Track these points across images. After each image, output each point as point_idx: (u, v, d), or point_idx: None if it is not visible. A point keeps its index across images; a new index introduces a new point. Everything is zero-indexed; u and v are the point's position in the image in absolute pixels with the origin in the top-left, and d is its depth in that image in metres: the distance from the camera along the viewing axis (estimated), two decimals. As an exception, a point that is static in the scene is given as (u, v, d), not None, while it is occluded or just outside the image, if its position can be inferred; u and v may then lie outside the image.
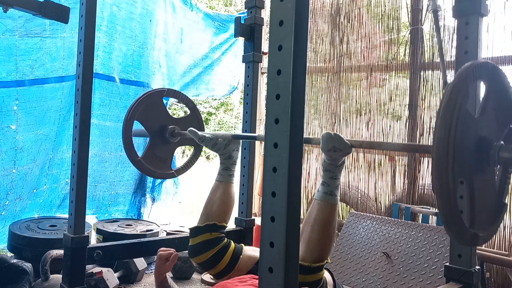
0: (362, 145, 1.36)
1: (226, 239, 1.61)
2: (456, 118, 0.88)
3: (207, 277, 2.95)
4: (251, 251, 1.63)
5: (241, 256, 1.57)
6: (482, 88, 1.12)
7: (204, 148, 2.18)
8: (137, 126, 2.09)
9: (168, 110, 2.23)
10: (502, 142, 1.01)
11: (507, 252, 2.72)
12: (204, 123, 2.34)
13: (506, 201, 1.15)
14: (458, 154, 0.89)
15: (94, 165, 3.43)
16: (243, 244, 1.69)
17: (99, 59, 3.35)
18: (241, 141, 1.77)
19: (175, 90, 2.29)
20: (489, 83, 1.04)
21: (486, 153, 1.00)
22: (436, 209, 3.07)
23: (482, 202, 1.05)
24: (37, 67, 3.00)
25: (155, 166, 2.12)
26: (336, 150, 1.28)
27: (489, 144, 1.00)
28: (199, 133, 1.74)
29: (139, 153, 2.09)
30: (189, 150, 10.34)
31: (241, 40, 2.40)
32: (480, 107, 1.04)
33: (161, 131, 2.12)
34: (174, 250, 1.73)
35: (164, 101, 2.36)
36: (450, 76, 2.64)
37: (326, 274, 1.42)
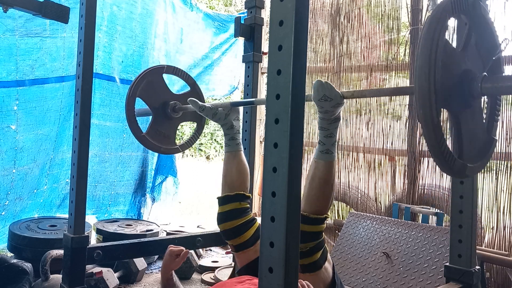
0: (354, 95, 1.36)
1: (252, 214, 1.67)
2: (436, 45, 0.87)
3: (207, 277, 2.95)
4: None
5: None
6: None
7: (203, 149, 2.18)
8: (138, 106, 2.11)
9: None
10: (485, 73, 1.01)
11: (507, 252, 2.72)
12: (204, 99, 2.34)
13: (496, 137, 1.15)
14: (439, 83, 0.88)
15: (94, 165, 3.43)
16: None
17: (99, 59, 3.35)
18: (241, 110, 1.79)
19: (175, 67, 2.31)
20: (470, 17, 1.03)
21: (469, 85, 0.99)
22: (436, 209, 3.07)
23: (470, 135, 1.05)
24: (37, 67, 3.00)
25: (159, 141, 2.15)
26: (327, 99, 1.28)
27: (472, 76, 1.00)
28: (200, 103, 1.76)
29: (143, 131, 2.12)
30: (189, 151, 10.34)
31: (241, 40, 2.40)
32: (462, 41, 1.03)
33: (163, 107, 2.15)
34: (184, 247, 1.74)
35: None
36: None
37: (328, 265, 1.43)
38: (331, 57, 3.77)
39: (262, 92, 4.18)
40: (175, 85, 4.11)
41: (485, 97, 1.09)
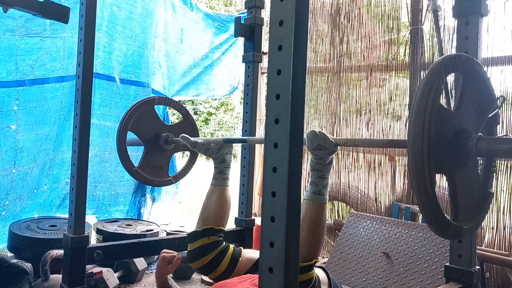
0: (347, 143, 1.36)
1: (224, 242, 1.62)
2: (429, 113, 0.87)
3: (207, 277, 2.95)
4: (250, 253, 1.64)
5: (240, 259, 1.58)
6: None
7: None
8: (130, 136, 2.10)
9: (160, 117, 2.24)
10: (480, 134, 1.00)
11: (507, 252, 2.72)
12: (197, 128, 2.35)
13: (492, 190, 1.15)
14: (433, 150, 0.88)
15: (94, 165, 3.43)
16: (242, 247, 1.69)
17: (99, 59, 3.35)
18: (233, 144, 1.78)
19: (166, 98, 2.31)
20: (464, 75, 1.03)
21: (463, 145, 0.99)
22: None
23: (465, 194, 1.04)
24: (37, 67, 3.00)
25: (151, 174, 2.14)
26: (322, 148, 1.28)
27: (467, 136, 1.00)
28: (192, 139, 1.75)
29: (135, 163, 2.10)
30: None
31: (241, 40, 2.40)
32: (456, 99, 1.03)
33: (155, 139, 2.14)
34: (177, 253, 1.73)
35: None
36: (450, 76, 2.64)
37: (319, 272, 1.42)
38: (331, 57, 3.77)
39: (262, 92, 4.18)
40: (175, 85, 4.12)
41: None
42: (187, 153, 2.39)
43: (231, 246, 1.62)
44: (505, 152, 0.98)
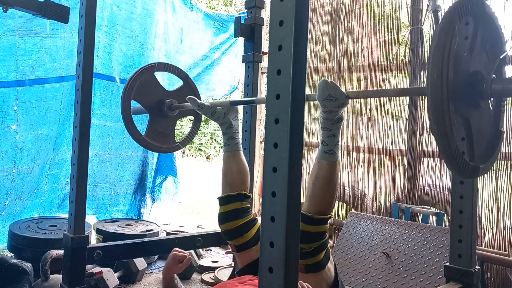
0: (359, 95, 1.36)
1: (253, 214, 1.66)
2: (446, 61, 0.90)
3: (207, 277, 2.95)
4: None
5: None
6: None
7: (203, 149, 2.18)
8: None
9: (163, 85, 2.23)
10: (493, 75, 1.02)
11: (507, 252, 2.72)
12: (199, 93, 2.33)
13: (503, 129, 1.18)
14: (452, 94, 0.90)
15: (94, 165, 3.43)
16: None
17: (99, 59, 3.35)
18: (240, 110, 1.78)
19: (165, 63, 2.30)
20: (475, 17, 1.05)
21: (479, 88, 1.02)
22: (436, 209, 3.07)
23: (479, 134, 1.07)
24: (37, 67, 3.00)
25: (159, 141, 2.15)
26: (332, 99, 1.28)
27: (481, 79, 1.02)
28: (198, 101, 1.75)
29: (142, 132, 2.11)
30: (189, 150, 10.35)
31: (241, 40, 2.40)
32: (468, 42, 1.05)
33: (159, 106, 2.14)
34: (188, 253, 1.74)
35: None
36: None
37: (331, 265, 1.43)
38: (331, 57, 3.77)
39: (262, 92, 4.18)
40: (176, 85, 4.11)
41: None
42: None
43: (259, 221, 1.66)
44: None
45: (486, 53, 1.08)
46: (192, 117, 2.33)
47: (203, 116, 1.85)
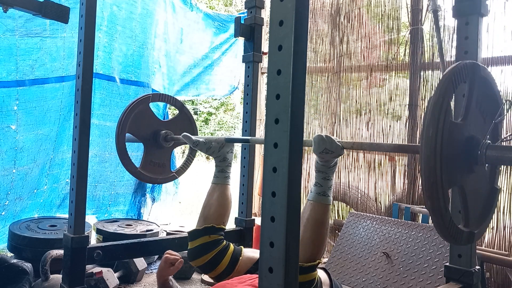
0: (353, 146, 1.37)
1: (225, 241, 1.62)
2: (440, 136, 0.89)
3: (207, 277, 2.94)
4: (251, 252, 1.64)
5: (240, 258, 1.57)
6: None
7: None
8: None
9: (158, 116, 2.23)
10: (488, 141, 1.02)
11: (507, 252, 2.72)
12: (194, 120, 2.34)
13: (499, 186, 1.17)
14: (446, 168, 0.90)
15: (94, 165, 3.43)
16: (242, 246, 1.69)
17: (99, 59, 3.35)
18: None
19: (160, 93, 2.31)
20: (470, 82, 1.04)
21: (472, 153, 1.01)
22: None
23: (474, 197, 1.06)
24: (37, 67, 3.00)
25: (154, 172, 2.14)
26: (328, 152, 1.29)
27: (476, 144, 1.01)
28: (193, 137, 1.75)
29: (136, 163, 2.10)
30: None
31: (241, 40, 2.40)
32: (463, 107, 1.04)
33: (154, 137, 2.14)
34: (180, 256, 1.73)
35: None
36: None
37: (321, 274, 1.42)
38: (331, 57, 3.77)
39: (262, 92, 4.18)
40: (175, 85, 4.12)
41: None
42: (187, 151, 2.39)
43: (232, 245, 1.62)
44: None
45: (482, 115, 1.06)
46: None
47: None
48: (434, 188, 0.88)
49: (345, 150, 1.33)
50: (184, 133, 1.80)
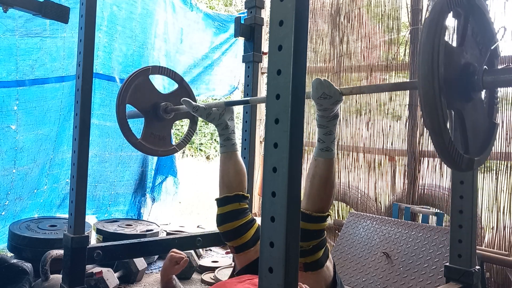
0: (352, 91, 1.37)
1: (251, 214, 1.65)
2: (437, 52, 0.89)
3: (207, 277, 2.95)
4: None
5: None
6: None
7: (203, 149, 2.18)
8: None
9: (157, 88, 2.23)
10: (485, 67, 1.02)
11: (507, 252, 2.72)
12: (194, 94, 2.32)
13: (497, 121, 1.17)
14: (443, 87, 0.90)
15: (94, 165, 3.43)
16: None
17: (99, 59, 3.34)
18: (240, 110, 1.78)
19: (160, 66, 2.29)
20: (465, 9, 1.04)
21: (470, 80, 1.01)
22: (436, 209, 3.07)
23: (473, 127, 1.06)
24: (37, 67, 3.00)
25: (155, 144, 2.14)
26: (326, 97, 1.28)
27: (473, 71, 1.01)
28: (193, 103, 1.75)
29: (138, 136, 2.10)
30: (189, 150, 10.35)
31: (241, 40, 2.40)
32: (459, 34, 1.04)
33: (154, 109, 2.13)
34: (185, 255, 1.74)
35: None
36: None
37: (329, 263, 1.43)
38: (331, 57, 3.77)
39: (262, 92, 4.18)
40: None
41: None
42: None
43: (257, 222, 1.65)
44: (510, 81, 1.01)
45: (478, 45, 1.07)
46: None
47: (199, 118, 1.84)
48: (432, 105, 0.88)
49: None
50: (184, 98, 1.79)
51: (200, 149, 10.59)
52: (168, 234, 3.45)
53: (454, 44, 1.05)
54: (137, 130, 2.18)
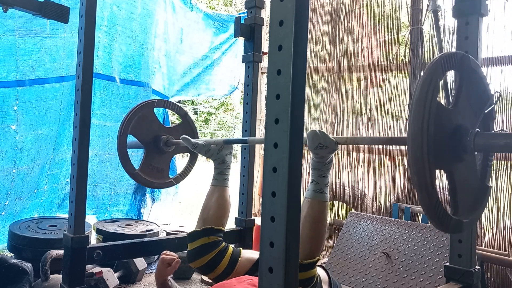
0: (347, 141, 1.37)
1: (224, 243, 1.63)
2: (428, 112, 0.89)
3: (207, 277, 2.95)
4: (249, 253, 1.64)
5: (239, 259, 1.58)
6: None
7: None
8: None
9: (159, 118, 2.24)
10: (477, 129, 1.02)
11: (507, 252, 2.72)
12: (196, 129, 2.35)
13: (490, 184, 1.17)
14: (433, 147, 0.90)
15: (94, 165, 3.43)
16: (241, 248, 1.69)
17: (99, 59, 3.35)
18: (233, 145, 1.79)
19: (165, 100, 2.33)
20: (460, 72, 1.04)
21: (461, 141, 1.01)
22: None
23: (464, 188, 1.06)
24: (37, 67, 3.00)
25: (152, 176, 2.15)
26: (323, 147, 1.30)
27: (464, 132, 1.01)
28: (192, 140, 1.75)
29: (135, 165, 2.11)
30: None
31: (241, 40, 2.40)
32: (453, 96, 1.05)
33: (155, 142, 2.15)
34: (177, 256, 1.74)
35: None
36: (450, 76, 2.64)
37: (320, 271, 1.43)
38: (331, 57, 3.77)
39: (262, 92, 4.18)
40: (175, 85, 4.12)
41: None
42: (187, 153, 2.40)
43: (231, 246, 1.63)
44: (501, 147, 1.01)
45: (471, 107, 1.07)
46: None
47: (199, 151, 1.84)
48: (420, 165, 0.88)
49: (340, 146, 1.34)
50: (184, 136, 1.80)
51: (200, 149, 10.54)
52: (168, 234, 3.45)
53: (448, 104, 1.05)
54: (135, 160, 2.18)
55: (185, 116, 2.30)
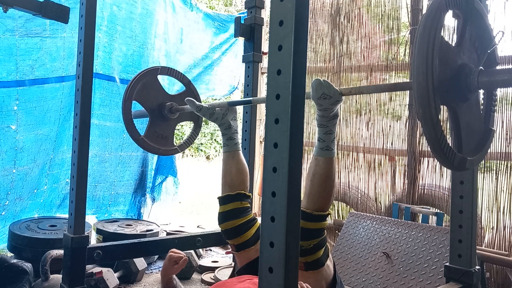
0: (352, 91, 1.38)
1: (252, 213, 1.67)
2: (432, 45, 0.88)
3: (207, 277, 2.95)
4: None
5: None
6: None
7: (203, 149, 2.19)
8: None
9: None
10: (481, 67, 1.02)
11: (507, 252, 2.72)
12: (200, 97, 2.34)
13: (493, 127, 1.17)
14: (437, 80, 0.89)
15: (94, 165, 3.43)
16: None
17: (99, 59, 3.34)
18: (240, 110, 1.80)
19: (169, 67, 2.32)
20: (463, 11, 1.04)
21: (465, 79, 1.01)
22: (436, 209, 3.07)
23: (468, 128, 1.06)
24: (37, 67, 3.00)
25: (157, 143, 2.16)
26: (326, 97, 1.29)
27: (468, 70, 1.01)
28: (197, 103, 1.76)
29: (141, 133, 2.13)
30: (189, 151, 10.34)
31: (241, 40, 2.40)
32: (457, 36, 1.05)
33: (159, 108, 2.16)
34: (184, 254, 1.75)
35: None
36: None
37: (330, 262, 1.43)
38: (331, 57, 3.77)
39: (262, 92, 4.19)
40: (175, 85, 4.11)
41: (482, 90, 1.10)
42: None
43: (258, 220, 1.66)
44: (505, 82, 1.00)
45: (475, 48, 1.07)
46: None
47: (203, 118, 1.86)
48: (425, 95, 0.87)
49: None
50: (188, 98, 1.81)
51: (200, 149, 10.58)
52: (168, 234, 3.45)
53: (453, 43, 1.04)
54: (140, 128, 2.19)
55: (188, 84, 2.31)
